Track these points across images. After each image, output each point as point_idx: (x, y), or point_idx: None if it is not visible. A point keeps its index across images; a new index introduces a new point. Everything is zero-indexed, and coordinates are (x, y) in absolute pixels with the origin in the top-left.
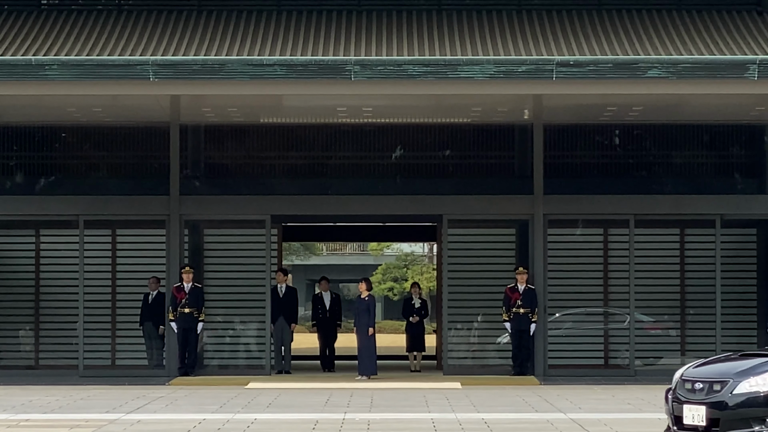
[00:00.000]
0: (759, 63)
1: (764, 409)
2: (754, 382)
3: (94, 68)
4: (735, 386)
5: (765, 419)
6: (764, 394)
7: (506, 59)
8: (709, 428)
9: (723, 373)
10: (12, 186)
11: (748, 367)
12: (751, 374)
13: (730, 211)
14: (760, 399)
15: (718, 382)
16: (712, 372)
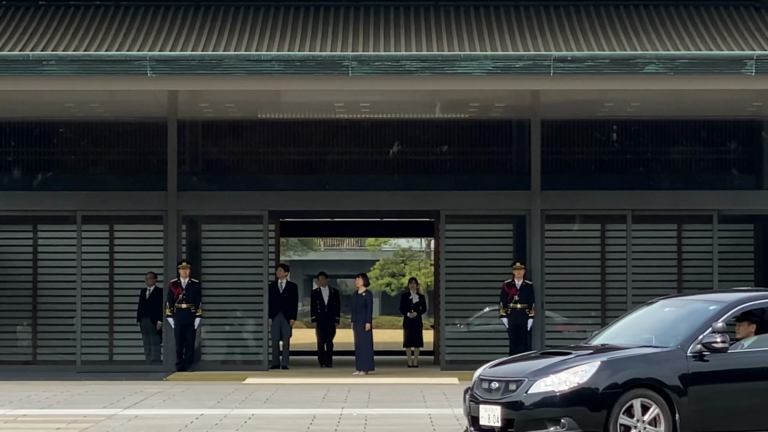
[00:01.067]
0: (756, 58)
1: (560, 409)
2: (550, 382)
3: (92, 64)
4: (530, 386)
5: (560, 420)
6: (560, 393)
7: (504, 55)
8: (504, 429)
9: (519, 372)
10: (9, 181)
11: (544, 366)
12: (547, 373)
13: (728, 207)
14: (556, 399)
15: (514, 381)
16: (508, 371)
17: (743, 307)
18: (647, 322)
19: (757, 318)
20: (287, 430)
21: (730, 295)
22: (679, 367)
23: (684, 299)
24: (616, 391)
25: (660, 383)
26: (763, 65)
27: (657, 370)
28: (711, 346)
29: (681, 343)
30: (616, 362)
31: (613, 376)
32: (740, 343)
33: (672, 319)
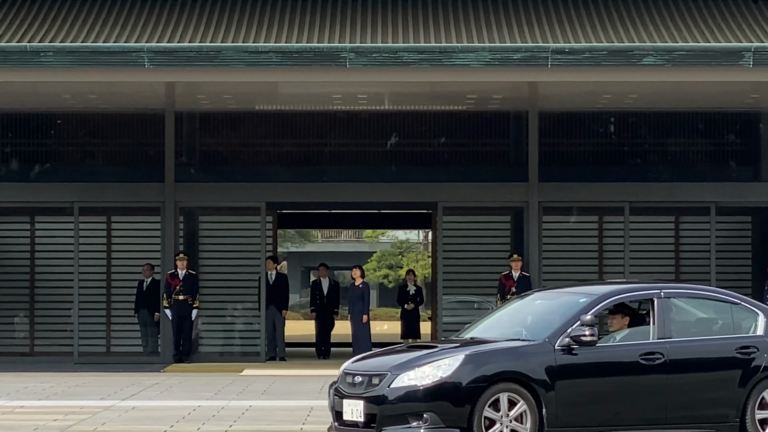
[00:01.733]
0: (754, 50)
1: (422, 404)
2: (413, 376)
3: (90, 55)
4: (393, 380)
5: (422, 415)
6: (423, 388)
7: (501, 47)
8: (367, 424)
9: (382, 366)
10: (7, 173)
11: (407, 359)
12: (410, 367)
13: (725, 199)
14: (419, 393)
15: (377, 375)
16: (372, 365)
17: (614, 299)
18: (519, 315)
19: (631, 310)
20: (285, 422)
21: (601, 287)
22: (547, 361)
23: (556, 291)
24: (481, 385)
25: (526, 377)
26: (761, 57)
27: (523, 364)
28: (579, 339)
29: (549, 337)
30: (480, 356)
31: (478, 370)
32: (612, 336)
33: (543, 312)
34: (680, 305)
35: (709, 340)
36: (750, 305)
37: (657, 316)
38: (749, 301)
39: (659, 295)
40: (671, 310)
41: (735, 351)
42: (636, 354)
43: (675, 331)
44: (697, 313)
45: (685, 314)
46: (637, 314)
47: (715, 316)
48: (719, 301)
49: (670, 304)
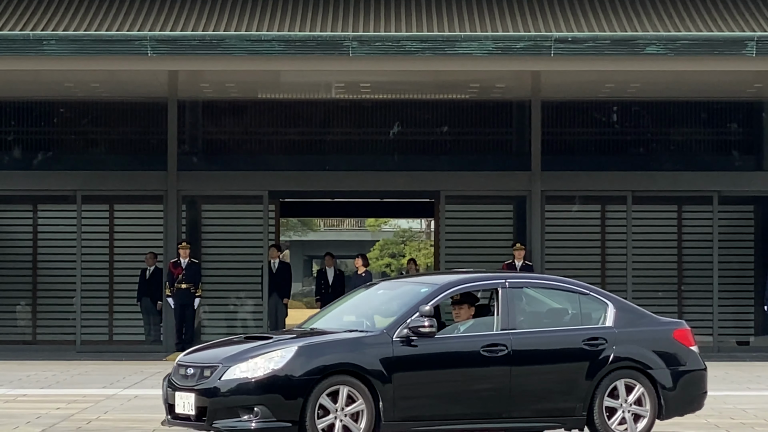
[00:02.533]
0: (757, 40)
1: (254, 396)
2: (245, 368)
3: (92, 43)
4: (224, 372)
5: (253, 408)
6: (255, 380)
7: (504, 35)
8: (199, 417)
9: (215, 358)
10: (9, 161)
11: (240, 351)
12: (242, 359)
13: (728, 188)
14: (251, 386)
15: (209, 367)
16: (205, 356)
17: (455, 289)
18: (363, 306)
19: (477, 300)
20: None
21: (444, 276)
22: (384, 353)
23: (399, 281)
24: (314, 378)
25: (361, 369)
26: (764, 46)
27: (358, 356)
28: (418, 330)
29: (387, 328)
30: (314, 347)
31: (311, 362)
32: (457, 327)
33: (384, 302)
34: (526, 295)
35: (555, 331)
36: (599, 296)
37: (501, 306)
38: (599, 291)
39: (504, 284)
40: (516, 301)
41: (582, 342)
42: (478, 345)
43: (520, 322)
44: (544, 303)
45: (532, 305)
46: (485, 305)
47: (563, 307)
48: (568, 291)
49: (515, 294)
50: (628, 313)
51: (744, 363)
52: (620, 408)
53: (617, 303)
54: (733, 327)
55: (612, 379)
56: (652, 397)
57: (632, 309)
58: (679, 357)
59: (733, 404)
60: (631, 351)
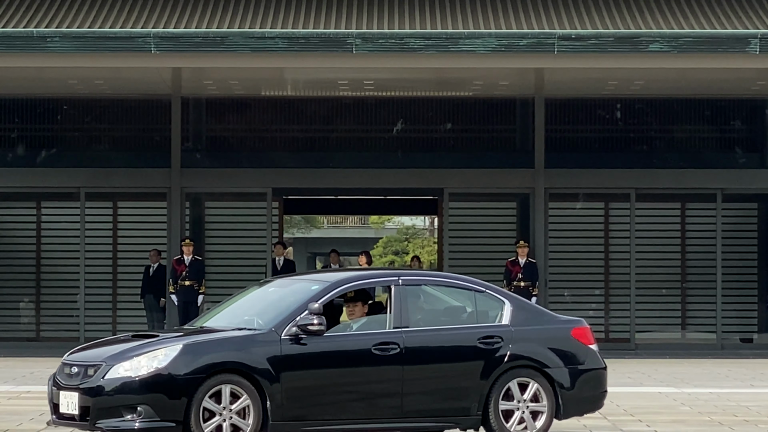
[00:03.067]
0: (761, 37)
1: (137, 396)
2: (129, 366)
3: (96, 40)
4: (108, 371)
5: (136, 408)
6: (139, 379)
7: (508, 33)
8: (83, 417)
9: (99, 356)
10: (13, 158)
11: (124, 349)
12: (126, 357)
13: (731, 186)
14: (135, 385)
15: (93, 366)
16: (90, 355)
17: (346, 287)
18: (255, 304)
19: (370, 298)
20: None
21: (335, 274)
22: (271, 351)
23: (291, 279)
24: (199, 376)
25: (248, 368)
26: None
27: (245, 354)
28: (307, 328)
29: (276, 326)
30: (200, 346)
31: (196, 361)
32: (350, 325)
33: (275, 300)
34: (421, 293)
35: (450, 330)
36: (497, 294)
37: (394, 304)
38: (496, 290)
39: (397, 282)
40: (411, 298)
41: (478, 341)
42: (369, 344)
43: (413, 320)
44: (439, 301)
45: (426, 302)
46: (380, 303)
47: (459, 305)
48: (464, 289)
49: (409, 291)
50: (525, 312)
51: (747, 360)
52: (517, 407)
53: (514, 301)
54: (737, 324)
55: (508, 378)
56: (550, 396)
57: (530, 307)
58: (577, 356)
59: (737, 401)
60: (527, 349)
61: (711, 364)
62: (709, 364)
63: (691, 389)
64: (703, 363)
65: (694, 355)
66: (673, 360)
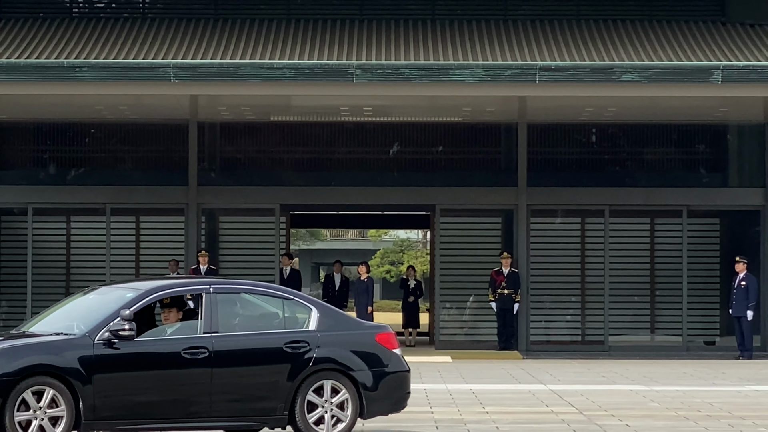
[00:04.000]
0: (723, 68)
1: None
2: None
3: (121, 70)
4: None
5: None
6: None
7: (494, 64)
8: None
9: None
10: (46, 176)
11: None
12: None
13: (696, 203)
14: None
15: None
16: None
17: (158, 294)
18: (76, 310)
19: (185, 305)
20: None
21: (150, 283)
22: (84, 355)
23: (112, 287)
24: (12, 379)
25: (60, 370)
26: (729, 75)
27: (58, 358)
28: (118, 333)
29: (89, 331)
30: (15, 349)
31: (10, 364)
32: (164, 330)
33: (94, 307)
34: (231, 300)
35: (258, 335)
36: (304, 301)
37: (204, 311)
38: (304, 297)
39: (208, 290)
40: (221, 305)
41: (284, 345)
42: (180, 348)
43: (223, 326)
44: (248, 308)
45: (236, 309)
46: (194, 309)
47: (268, 312)
48: (273, 297)
49: (219, 299)
50: (331, 318)
51: (710, 361)
52: (321, 408)
53: (321, 308)
54: (701, 328)
55: (313, 381)
56: (354, 398)
57: (336, 314)
58: (381, 359)
59: (701, 398)
60: (332, 353)
61: (677, 365)
62: (676, 364)
63: (660, 387)
64: (671, 363)
65: (662, 356)
66: (643, 360)
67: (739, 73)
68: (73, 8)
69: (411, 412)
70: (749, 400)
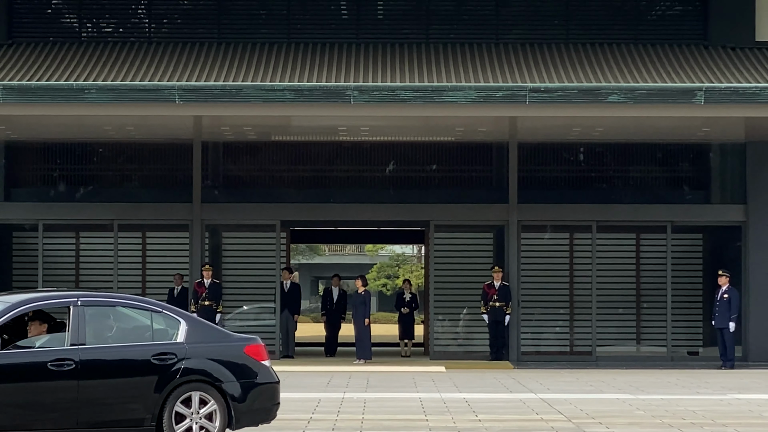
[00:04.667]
0: (705, 90)
1: None
2: None
3: (127, 92)
4: None
5: None
6: None
7: (485, 86)
8: None
9: None
10: (56, 194)
11: None
12: None
13: (680, 219)
14: None
15: None
16: None
17: (25, 308)
18: None
19: (51, 318)
20: (297, 411)
21: (17, 296)
22: None
23: None
24: None
25: None
26: (711, 96)
27: None
28: None
29: None
30: None
31: None
32: (32, 342)
33: None
34: (100, 313)
35: (126, 347)
36: (173, 313)
37: (72, 323)
38: (173, 310)
39: (76, 303)
40: (90, 318)
41: (152, 357)
42: (46, 359)
43: (91, 338)
44: (119, 320)
45: (106, 322)
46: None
47: (138, 324)
48: (142, 310)
49: (87, 312)
50: (200, 330)
51: (694, 370)
52: (189, 419)
53: (190, 320)
54: (685, 339)
55: (181, 392)
56: (222, 409)
57: (205, 326)
58: (250, 371)
59: (684, 406)
60: (200, 365)
61: (662, 374)
62: (661, 373)
63: (645, 396)
64: (656, 373)
65: (648, 366)
66: (629, 370)
67: (721, 95)
68: (82, 33)
69: (407, 419)
70: (731, 408)
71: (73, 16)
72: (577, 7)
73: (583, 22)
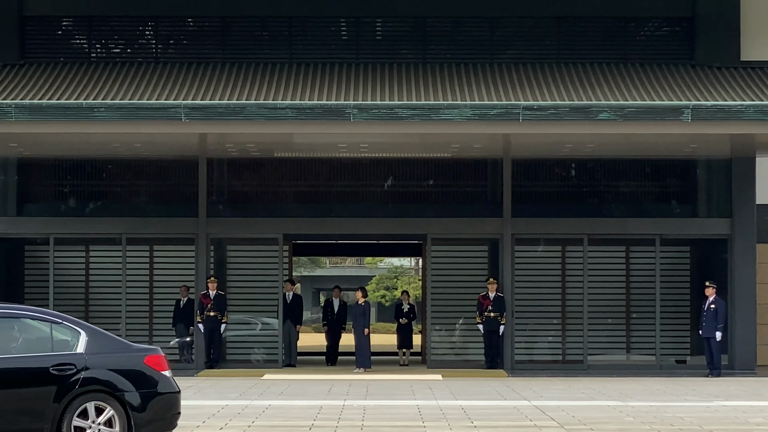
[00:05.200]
0: (692, 108)
1: None
2: None
3: (135, 110)
4: None
5: None
6: None
7: (480, 104)
8: None
9: None
10: (66, 209)
11: None
12: None
13: (668, 232)
14: None
15: None
16: None
17: None
18: None
19: None
20: (299, 418)
21: None
22: None
23: None
24: None
25: None
26: (698, 113)
27: None
28: None
29: None
30: None
31: None
32: None
33: None
34: (4, 325)
35: (24, 357)
36: (73, 324)
37: None
38: (73, 321)
39: None
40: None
41: (51, 367)
42: None
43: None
44: (23, 332)
45: (9, 333)
46: None
47: (38, 335)
48: (41, 321)
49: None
50: (100, 341)
51: (682, 378)
52: (89, 430)
53: (90, 331)
54: (673, 348)
55: (81, 402)
56: (122, 419)
57: (105, 336)
58: (150, 381)
59: (673, 413)
60: (99, 375)
61: (651, 382)
62: (650, 381)
63: (635, 403)
64: (645, 381)
65: (637, 374)
66: (619, 378)
67: (708, 112)
68: (91, 53)
69: (405, 426)
70: (718, 415)
71: (83, 37)
72: (569, 28)
73: (575, 43)
